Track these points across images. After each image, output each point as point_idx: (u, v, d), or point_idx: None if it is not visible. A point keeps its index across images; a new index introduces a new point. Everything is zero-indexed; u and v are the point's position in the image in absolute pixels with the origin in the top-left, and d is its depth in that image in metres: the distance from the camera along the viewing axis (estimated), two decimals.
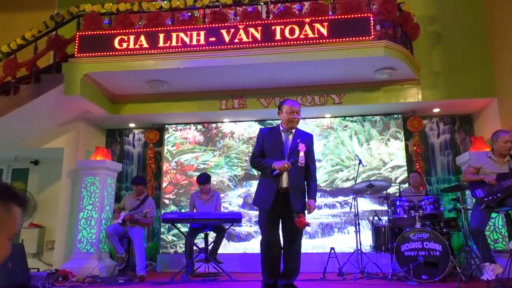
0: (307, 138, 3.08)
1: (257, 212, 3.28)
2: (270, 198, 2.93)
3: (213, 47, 4.90)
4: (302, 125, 6.06)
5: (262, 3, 5.18)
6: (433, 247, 3.93)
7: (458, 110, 5.79)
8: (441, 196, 5.35)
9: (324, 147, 5.99)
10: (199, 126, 6.28)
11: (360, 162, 4.92)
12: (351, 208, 4.72)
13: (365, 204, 5.64)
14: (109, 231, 4.93)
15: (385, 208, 4.75)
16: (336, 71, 5.15)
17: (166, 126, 6.33)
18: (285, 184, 2.94)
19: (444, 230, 4.53)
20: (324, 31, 4.77)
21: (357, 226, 4.55)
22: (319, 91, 5.56)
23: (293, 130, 3.09)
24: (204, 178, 5.12)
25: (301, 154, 2.90)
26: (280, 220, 3.03)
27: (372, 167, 5.82)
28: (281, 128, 3.10)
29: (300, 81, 5.47)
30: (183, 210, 5.90)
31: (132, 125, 6.45)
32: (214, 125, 6.28)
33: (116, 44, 5.04)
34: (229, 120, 6.20)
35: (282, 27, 4.83)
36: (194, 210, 5.08)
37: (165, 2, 5.23)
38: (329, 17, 4.81)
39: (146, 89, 5.60)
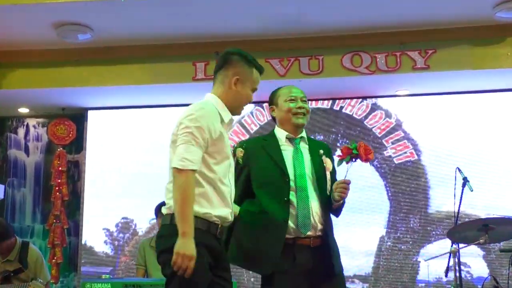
0: (326, 150, 3.19)
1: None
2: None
3: None
4: (348, 108, 6.17)
5: None
6: None
7: None
8: None
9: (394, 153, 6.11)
10: (154, 112, 6.39)
11: (465, 183, 4.94)
12: (448, 270, 4.75)
13: (475, 263, 5.71)
14: None
15: None
16: (418, 5, 5.15)
17: (89, 111, 6.44)
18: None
19: None
20: None
21: None
22: (386, 45, 5.61)
23: (301, 135, 3.20)
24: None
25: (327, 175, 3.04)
26: None
27: (487, 193, 5.84)
28: (278, 135, 3.21)
29: (345, 24, 5.47)
30: (121, 274, 5.97)
31: (23, 110, 6.54)
32: (182, 108, 6.32)
33: None
34: None
35: None
36: (145, 271, 5.13)
37: None
38: None
39: (53, 41, 5.65)
